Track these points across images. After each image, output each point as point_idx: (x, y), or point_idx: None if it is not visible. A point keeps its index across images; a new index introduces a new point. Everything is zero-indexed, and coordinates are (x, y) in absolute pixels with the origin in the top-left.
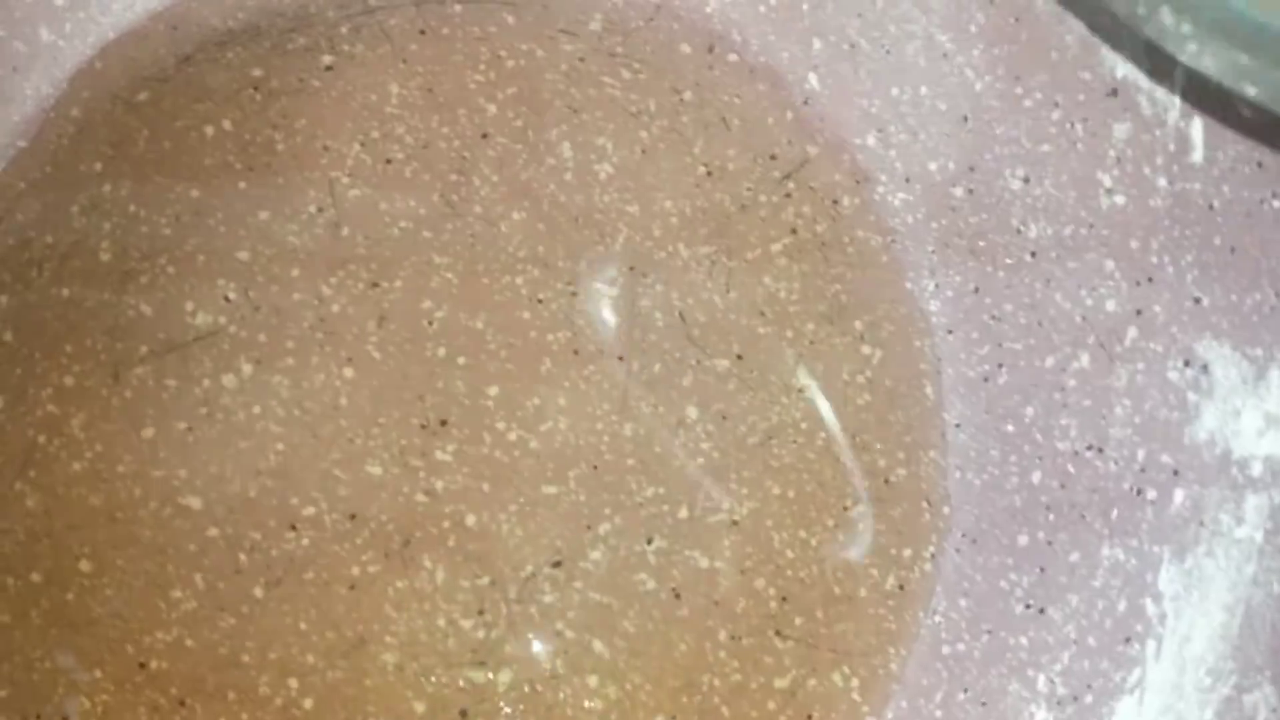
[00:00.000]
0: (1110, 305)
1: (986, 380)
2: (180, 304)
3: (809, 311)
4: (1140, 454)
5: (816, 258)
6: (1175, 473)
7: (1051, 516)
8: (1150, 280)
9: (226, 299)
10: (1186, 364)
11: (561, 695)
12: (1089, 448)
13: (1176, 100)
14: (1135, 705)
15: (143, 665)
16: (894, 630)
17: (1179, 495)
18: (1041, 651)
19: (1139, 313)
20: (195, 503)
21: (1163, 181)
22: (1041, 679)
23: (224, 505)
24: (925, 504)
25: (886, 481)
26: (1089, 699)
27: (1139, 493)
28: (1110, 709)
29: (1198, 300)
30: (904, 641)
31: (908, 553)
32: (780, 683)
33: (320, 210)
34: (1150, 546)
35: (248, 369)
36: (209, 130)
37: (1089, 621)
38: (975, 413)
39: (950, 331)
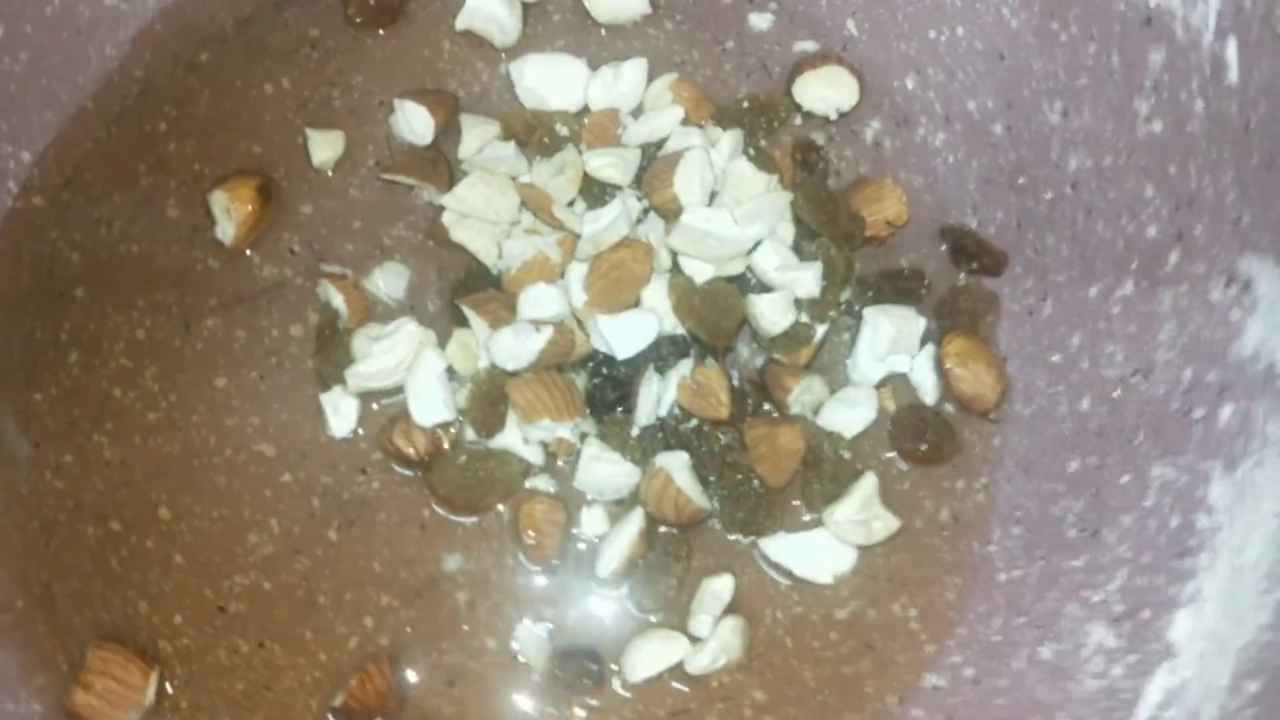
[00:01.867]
0: (1151, 231)
1: (1032, 313)
2: (247, 257)
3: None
4: (1187, 374)
5: None
6: (1222, 389)
7: (1101, 441)
8: (1190, 204)
9: (291, 251)
10: (1229, 282)
11: (627, 628)
12: (1135, 372)
13: (1211, 23)
14: (1193, 616)
15: (222, 609)
16: (949, 560)
17: (1227, 410)
18: (1096, 572)
19: (1180, 236)
20: (268, 449)
21: (1199, 105)
22: (1098, 598)
23: (296, 451)
24: (976, 438)
25: (936, 415)
26: (1146, 614)
27: (1187, 412)
28: (1168, 621)
29: (1237, 219)
30: (960, 571)
31: (960, 484)
32: (840, 614)
33: (378, 163)
34: (1200, 463)
35: (314, 318)
36: (268, 88)
37: (1142, 540)
38: (1022, 345)
39: None
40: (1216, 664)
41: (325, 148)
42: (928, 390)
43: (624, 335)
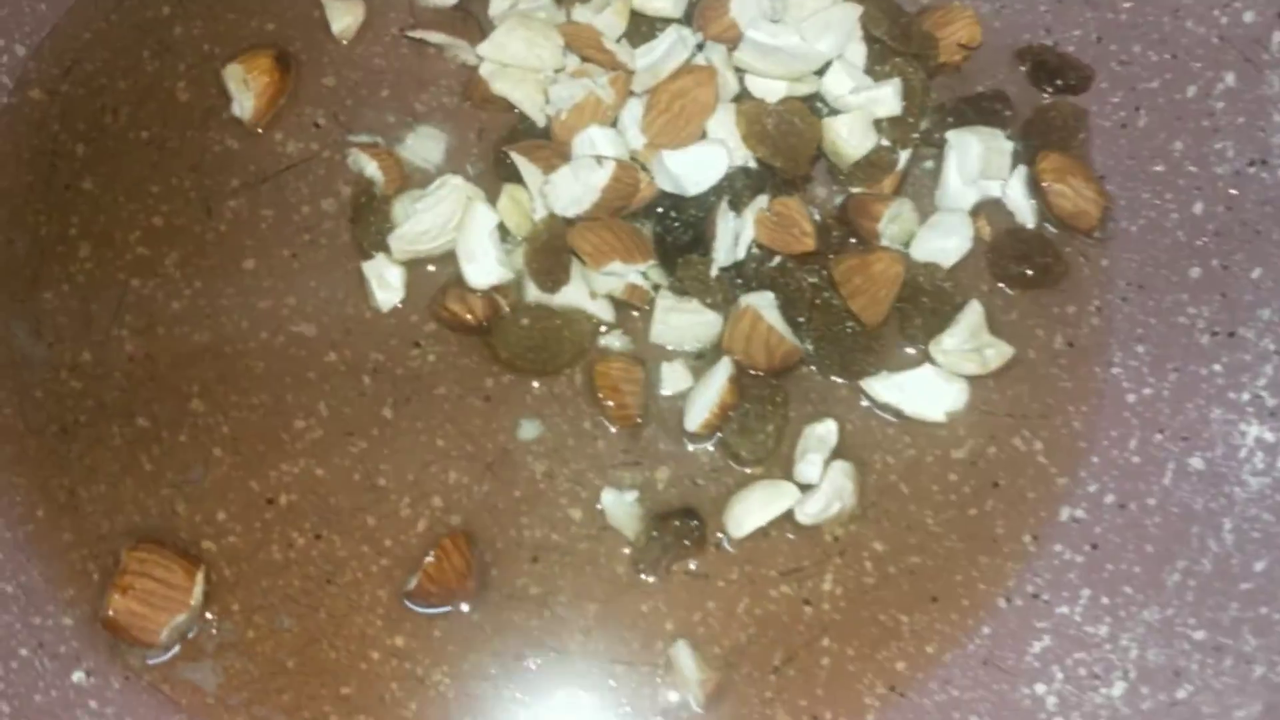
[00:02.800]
0: (1248, 16)
1: (1125, 126)
2: (269, 134)
3: None
4: None
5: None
6: None
7: (1222, 241)
8: None
9: (316, 125)
10: None
11: (725, 485)
12: (1251, 163)
13: None
14: None
15: (270, 501)
16: (1071, 388)
17: None
18: (1240, 372)
19: None
20: (309, 329)
21: None
22: (1245, 397)
23: (340, 328)
24: (1082, 260)
25: (1039, 236)
26: None
27: None
28: None
29: None
30: (1084, 398)
31: (1072, 309)
32: (958, 453)
33: (403, 30)
34: None
35: (346, 191)
36: None
37: None
38: (1119, 161)
39: None
40: None
41: (345, 15)
42: (1025, 213)
43: (693, 171)
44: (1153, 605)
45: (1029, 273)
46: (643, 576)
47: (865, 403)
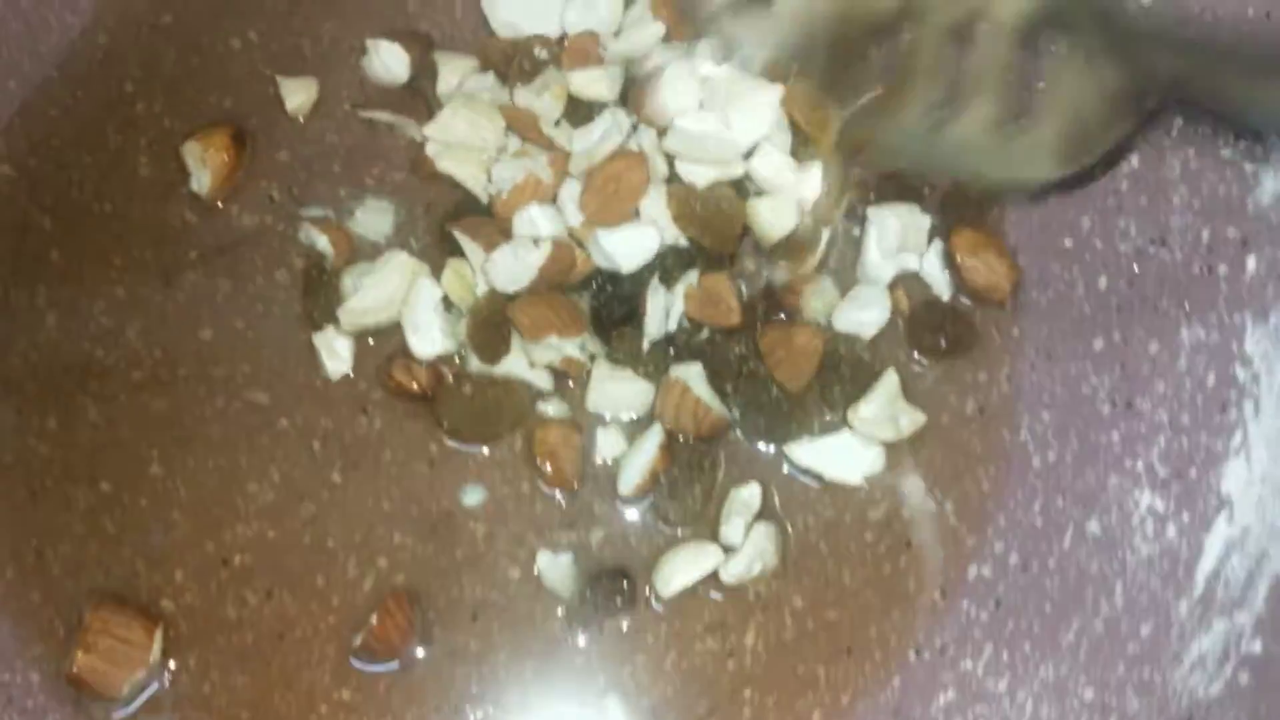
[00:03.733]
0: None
1: (1037, 203)
2: (227, 208)
3: None
4: (1205, 234)
5: None
6: (1244, 242)
7: (1124, 316)
8: None
9: (270, 199)
10: (1238, 138)
11: (655, 545)
12: (1151, 242)
13: None
14: (1244, 465)
15: (225, 561)
16: (980, 452)
17: (1251, 262)
18: (1135, 442)
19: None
20: (262, 397)
21: None
22: (1140, 466)
23: (292, 396)
24: (994, 330)
25: (952, 308)
26: (1193, 473)
27: (1210, 271)
28: (1219, 475)
29: None
30: (992, 460)
31: (983, 376)
32: (874, 514)
33: (354, 107)
34: (1231, 317)
35: (299, 264)
36: (235, 43)
37: (1180, 402)
38: (1031, 235)
39: None
40: (1275, 506)
41: (298, 93)
42: (941, 285)
43: (626, 249)
44: (1048, 662)
45: (943, 343)
46: (577, 633)
47: (788, 468)
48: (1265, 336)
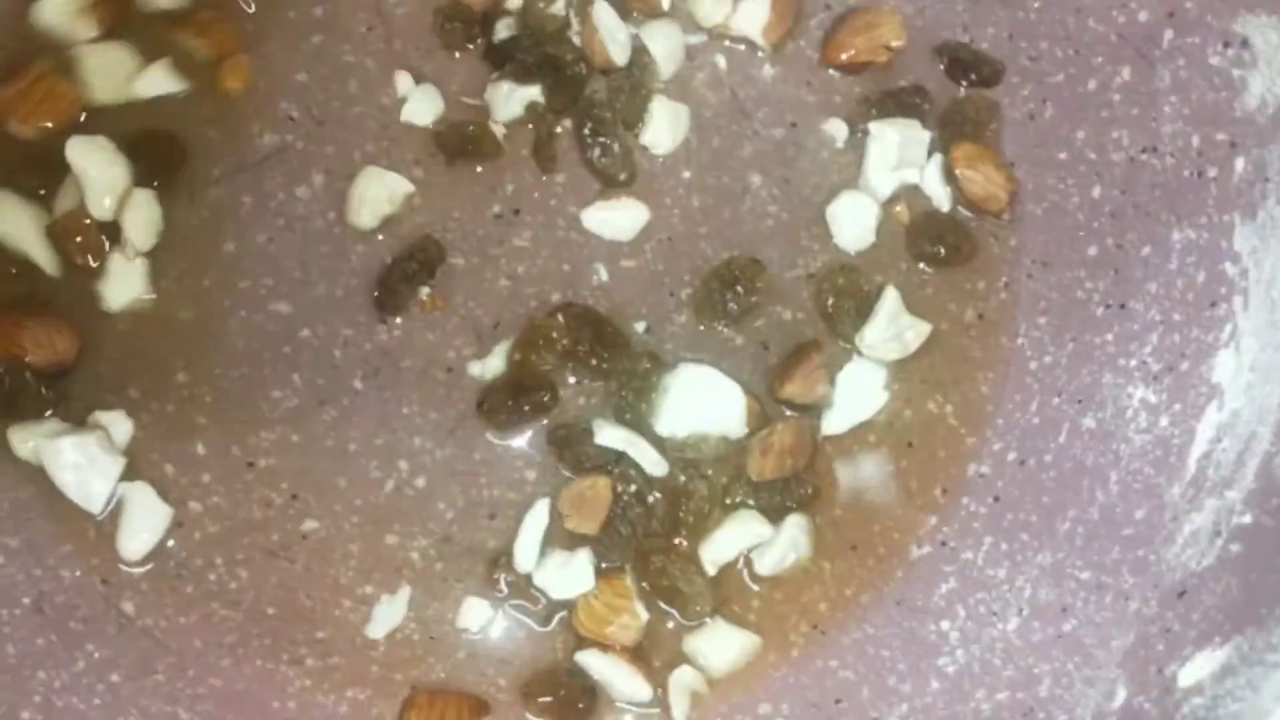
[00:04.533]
0: (1143, 15)
1: (1033, 117)
2: (246, 127)
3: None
4: (1195, 140)
5: None
6: (1233, 144)
7: (1117, 223)
8: None
9: (290, 118)
10: (1226, 45)
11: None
12: (1143, 151)
13: None
14: (1233, 355)
15: (250, 464)
16: (979, 357)
17: (1240, 163)
18: (1128, 340)
19: (1171, 14)
20: (284, 307)
21: None
22: (1133, 363)
23: (313, 307)
24: (992, 240)
25: (951, 219)
26: (1185, 365)
27: (1199, 175)
28: (1209, 366)
29: None
30: (991, 366)
31: (982, 285)
32: (877, 417)
33: (370, 29)
34: (1220, 217)
35: (319, 179)
36: None
37: (1171, 301)
38: (1027, 149)
39: None
40: (1264, 389)
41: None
42: (940, 198)
43: None
44: (1046, 550)
45: (943, 252)
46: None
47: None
48: (1253, 233)
